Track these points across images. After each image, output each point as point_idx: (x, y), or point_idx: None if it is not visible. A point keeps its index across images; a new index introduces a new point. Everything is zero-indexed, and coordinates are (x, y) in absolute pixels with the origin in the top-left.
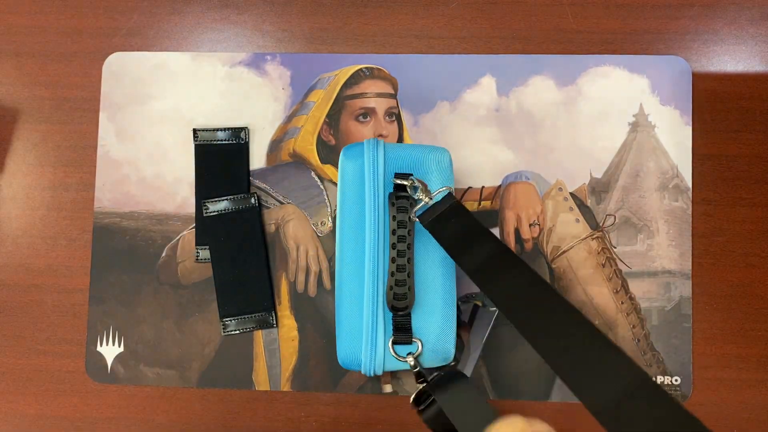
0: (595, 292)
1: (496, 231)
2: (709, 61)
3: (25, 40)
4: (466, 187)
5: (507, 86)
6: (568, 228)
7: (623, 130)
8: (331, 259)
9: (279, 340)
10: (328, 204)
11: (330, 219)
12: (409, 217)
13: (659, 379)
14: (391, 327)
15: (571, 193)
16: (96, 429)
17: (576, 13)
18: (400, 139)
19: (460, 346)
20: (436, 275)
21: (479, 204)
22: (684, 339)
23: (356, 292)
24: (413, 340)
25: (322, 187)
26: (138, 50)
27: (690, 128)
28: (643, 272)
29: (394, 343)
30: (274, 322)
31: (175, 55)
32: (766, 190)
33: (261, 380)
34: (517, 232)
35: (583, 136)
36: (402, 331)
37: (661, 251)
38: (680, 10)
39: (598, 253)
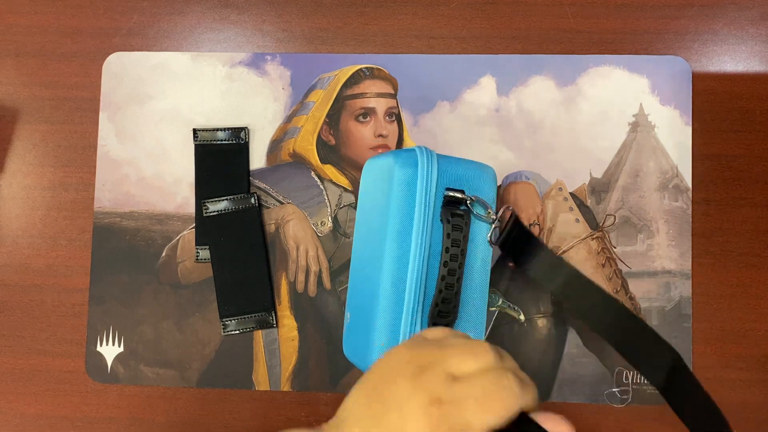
0: None
1: None
2: (709, 61)
3: (25, 40)
4: None
5: (507, 86)
6: (568, 228)
7: (623, 130)
8: (331, 259)
9: (279, 340)
10: (328, 204)
11: (330, 219)
12: (464, 236)
13: None
14: None
15: (571, 193)
16: (96, 429)
17: (576, 13)
18: (400, 139)
19: None
20: (474, 292)
21: None
22: (684, 339)
23: (394, 301)
24: None
25: (322, 187)
26: (138, 50)
27: (690, 128)
28: (643, 272)
29: None
30: (274, 322)
31: (175, 55)
32: (766, 190)
33: (261, 380)
34: None
35: (583, 136)
36: None
37: (661, 251)
38: (680, 10)
39: (598, 253)
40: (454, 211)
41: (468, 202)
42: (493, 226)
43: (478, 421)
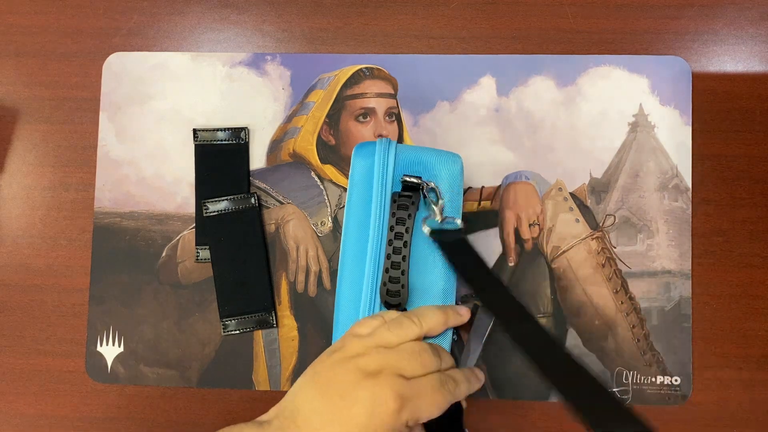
0: (594, 292)
1: (495, 231)
2: (708, 61)
3: (25, 40)
4: (466, 187)
5: (507, 86)
6: (568, 228)
7: (623, 130)
8: (331, 259)
9: (279, 340)
10: (328, 204)
11: (330, 219)
12: (409, 214)
13: (659, 379)
14: None
15: (570, 193)
16: (96, 429)
17: (576, 13)
18: (400, 139)
19: (460, 346)
20: (437, 279)
21: (479, 204)
22: (684, 339)
23: (355, 288)
24: None
25: (322, 187)
26: (138, 50)
27: (690, 128)
28: (643, 272)
29: None
30: (274, 322)
31: (175, 55)
32: (766, 190)
33: (261, 380)
34: (516, 232)
35: (583, 136)
36: None
37: (660, 251)
38: (680, 10)
39: (598, 253)
40: (403, 193)
41: (423, 188)
42: (438, 213)
43: (426, 414)
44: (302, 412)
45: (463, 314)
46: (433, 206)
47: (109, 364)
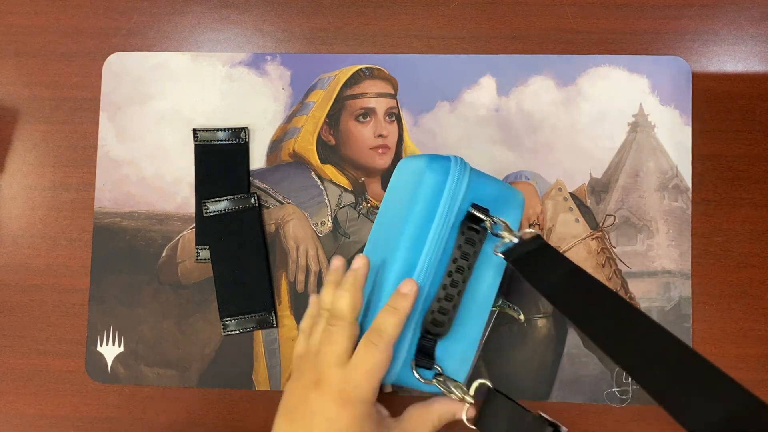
0: None
1: None
2: (708, 61)
3: (25, 40)
4: None
5: (507, 86)
6: (567, 228)
7: (623, 130)
8: (330, 259)
9: (279, 340)
10: (328, 204)
11: (330, 219)
12: (475, 251)
13: None
14: (415, 346)
15: (570, 193)
16: (96, 429)
17: (576, 13)
18: (400, 139)
19: None
20: (473, 312)
21: None
22: (684, 339)
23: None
24: (434, 366)
25: (322, 187)
26: (138, 50)
27: (690, 128)
28: (643, 272)
29: (416, 365)
30: (274, 322)
31: (175, 55)
32: (766, 190)
33: (261, 380)
34: None
35: (583, 136)
36: (425, 355)
37: (660, 251)
38: (680, 10)
39: (598, 253)
40: (473, 225)
41: (489, 222)
42: (506, 239)
43: (375, 378)
44: None
45: (407, 291)
46: (504, 233)
47: (109, 364)
